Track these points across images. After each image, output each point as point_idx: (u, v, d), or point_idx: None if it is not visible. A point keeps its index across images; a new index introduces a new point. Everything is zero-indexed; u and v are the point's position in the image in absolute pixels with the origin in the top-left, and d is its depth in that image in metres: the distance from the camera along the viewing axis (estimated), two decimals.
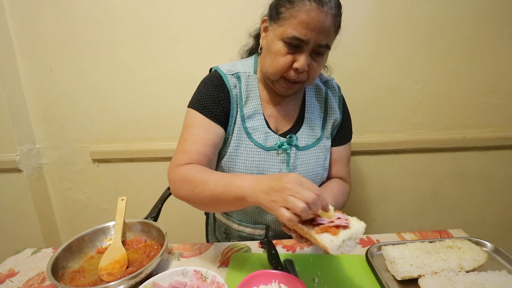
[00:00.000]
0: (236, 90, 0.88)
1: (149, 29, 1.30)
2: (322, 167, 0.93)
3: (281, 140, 0.88)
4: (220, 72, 0.89)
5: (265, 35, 0.86)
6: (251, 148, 0.87)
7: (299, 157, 0.90)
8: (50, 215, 1.56)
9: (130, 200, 0.98)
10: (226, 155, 0.88)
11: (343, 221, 0.61)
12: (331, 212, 0.63)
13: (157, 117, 1.42)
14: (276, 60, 0.79)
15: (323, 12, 0.73)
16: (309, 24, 0.74)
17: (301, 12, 0.74)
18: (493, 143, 1.44)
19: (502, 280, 0.68)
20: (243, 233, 0.99)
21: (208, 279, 0.70)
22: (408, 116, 1.43)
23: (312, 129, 0.93)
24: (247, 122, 0.88)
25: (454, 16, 1.29)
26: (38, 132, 1.45)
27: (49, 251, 0.91)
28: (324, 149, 0.93)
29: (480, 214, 1.57)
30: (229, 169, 0.88)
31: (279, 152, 0.88)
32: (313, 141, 0.92)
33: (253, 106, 0.89)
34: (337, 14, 0.77)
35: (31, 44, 1.32)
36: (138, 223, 0.91)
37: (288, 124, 0.92)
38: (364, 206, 1.56)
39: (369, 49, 1.33)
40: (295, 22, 0.75)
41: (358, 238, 0.60)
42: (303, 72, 0.80)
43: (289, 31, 0.76)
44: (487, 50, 1.33)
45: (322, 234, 0.59)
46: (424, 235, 0.92)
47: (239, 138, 0.87)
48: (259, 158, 0.87)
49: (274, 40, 0.80)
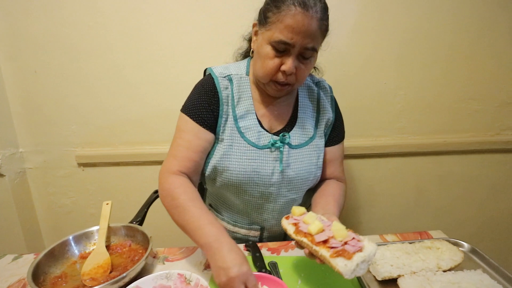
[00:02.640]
0: (228, 91, 0.90)
1: (138, 32, 1.30)
2: (315, 166, 0.95)
3: (274, 138, 0.90)
4: (213, 74, 0.92)
5: (256, 39, 0.88)
6: (244, 147, 0.89)
7: (292, 155, 0.91)
8: (34, 220, 1.53)
9: (117, 204, 0.97)
10: (220, 155, 0.89)
11: (356, 244, 0.62)
12: (343, 231, 0.64)
13: (144, 121, 1.41)
14: (265, 63, 0.82)
15: (308, 16, 0.75)
16: (295, 28, 0.76)
17: (287, 16, 0.76)
18: (472, 147, 1.48)
19: (477, 279, 0.70)
20: (238, 234, 1.00)
21: (192, 282, 0.70)
22: (392, 121, 1.46)
23: (305, 128, 0.95)
24: (240, 122, 0.90)
25: (435, 26, 1.33)
26: (21, 136, 1.43)
27: (31, 257, 0.89)
28: (317, 148, 0.95)
29: (461, 216, 1.61)
30: (222, 169, 0.89)
31: (272, 150, 0.90)
32: (306, 140, 0.94)
33: (245, 106, 0.91)
34: (323, 17, 0.79)
35: (16, 46, 1.30)
36: (122, 227, 0.91)
37: (281, 123, 0.94)
38: (349, 209, 1.59)
39: (354, 55, 1.36)
40: (281, 26, 0.77)
41: (370, 260, 0.62)
42: (291, 75, 0.83)
43: (276, 35, 0.78)
44: (466, 58, 1.38)
45: (336, 258, 0.60)
46: (405, 236, 0.95)
47: (232, 138, 0.89)
48: (253, 156, 0.89)
49: (263, 44, 0.82)
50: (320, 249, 0.63)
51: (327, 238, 0.64)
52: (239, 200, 0.94)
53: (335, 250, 0.61)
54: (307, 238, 0.67)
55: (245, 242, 0.99)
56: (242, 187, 0.90)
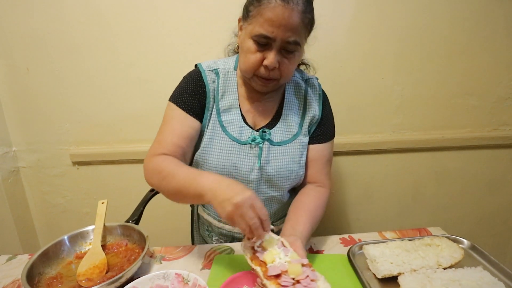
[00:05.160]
0: (214, 85, 0.90)
1: (130, 29, 1.28)
2: (297, 164, 0.92)
3: (254, 134, 0.89)
4: (200, 68, 0.91)
5: (240, 34, 0.87)
6: (225, 141, 0.88)
7: (272, 152, 0.90)
8: (28, 220, 1.51)
9: (112, 203, 0.96)
10: (200, 148, 0.89)
11: (308, 285, 0.59)
12: (297, 267, 0.62)
13: (139, 119, 1.39)
14: (247, 58, 0.81)
15: (288, 9, 0.74)
16: (275, 21, 0.75)
17: (267, 9, 0.75)
18: (470, 143, 1.48)
19: (478, 276, 0.69)
20: (223, 230, 0.99)
21: (189, 282, 0.69)
22: (389, 117, 1.46)
23: (289, 126, 0.93)
24: (223, 116, 0.89)
25: (432, 21, 1.32)
26: (14, 134, 1.40)
27: (25, 258, 0.88)
28: (300, 146, 0.93)
29: (458, 212, 1.62)
30: (203, 162, 0.89)
31: (252, 146, 0.89)
32: (289, 137, 0.92)
33: (230, 101, 0.90)
34: (305, 10, 0.77)
35: (7, 43, 1.28)
36: (118, 226, 0.89)
37: (265, 119, 0.93)
38: (347, 206, 1.58)
39: (351, 51, 1.35)
40: (261, 20, 0.76)
41: None
42: (274, 69, 0.81)
43: (256, 29, 0.77)
44: (463, 53, 1.38)
45: None
46: (404, 233, 0.94)
47: (213, 131, 0.89)
48: (233, 151, 0.88)
49: (245, 39, 0.82)
50: (270, 284, 0.60)
51: (280, 273, 0.61)
52: None
53: None
54: (260, 268, 0.64)
55: (231, 238, 0.99)
56: None
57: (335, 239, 0.93)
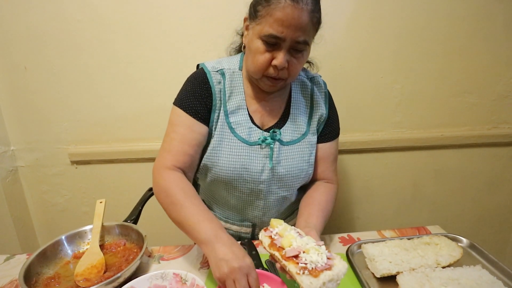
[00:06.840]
0: (220, 86, 0.88)
1: (130, 27, 1.27)
2: (307, 163, 0.93)
3: (264, 135, 0.88)
4: (205, 69, 0.90)
5: (247, 34, 0.86)
6: (234, 143, 0.87)
7: (282, 152, 0.90)
8: (27, 219, 1.51)
9: (111, 202, 0.96)
10: (208, 151, 0.87)
11: (324, 263, 0.60)
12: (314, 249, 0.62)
13: (138, 117, 1.39)
14: (256, 58, 0.80)
15: (298, 9, 0.73)
16: (285, 21, 0.74)
17: (277, 9, 0.74)
18: (469, 141, 1.48)
19: (477, 275, 0.69)
20: (229, 231, 0.99)
21: (188, 282, 0.69)
22: (389, 115, 1.45)
23: (297, 125, 0.93)
24: (231, 117, 0.88)
25: (431, 19, 1.32)
26: (12, 134, 1.40)
27: (23, 257, 0.87)
28: (309, 145, 0.93)
29: (457, 210, 1.62)
30: (212, 165, 0.87)
31: (262, 147, 0.88)
32: (298, 137, 0.92)
33: (237, 102, 0.89)
34: (314, 10, 0.77)
35: (5, 42, 1.27)
36: (117, 226, 0.89)
37: (273, 119, 0.93)
38: (347, 204, 1.58)
39: (351, 49, 1.34)
40: (271, 20, 0.75)
41: (339, 279, 0.59)
42: (283, 69, 0.81)
43: (266, 29, 0.76)
44: (463, 51, 1.37)
45: (302, 275, 0.58)
46: (403, 232, 0.94)
47: (222, 133, 0.87)
48: (243, 153, 0.87)
49: (253, 39, 0.80)
50: (288, 264, 0.61)
51: (298, 253, 0.62)
52: (230, 197, 0.93)
53: (302, 267, 0.59)
54: (278, 252, 0.65)
55: (237, 238, 0.98)
56: (231, 184, 0.89)
57: (334, 238, 0.93)
